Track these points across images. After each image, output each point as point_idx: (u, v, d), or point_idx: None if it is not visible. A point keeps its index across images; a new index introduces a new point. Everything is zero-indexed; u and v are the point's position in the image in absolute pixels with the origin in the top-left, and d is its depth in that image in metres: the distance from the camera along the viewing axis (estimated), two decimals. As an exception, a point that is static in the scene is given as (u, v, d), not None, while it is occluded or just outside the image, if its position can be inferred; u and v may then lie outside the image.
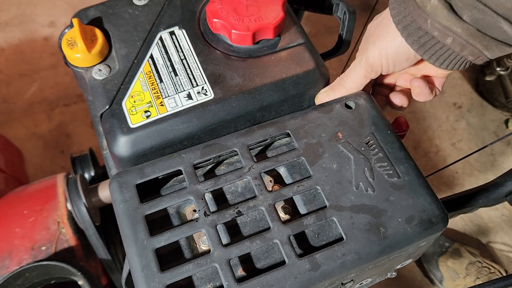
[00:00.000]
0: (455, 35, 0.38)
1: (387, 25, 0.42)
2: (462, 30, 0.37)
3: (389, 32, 0.42)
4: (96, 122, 0.54)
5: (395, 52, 0.42)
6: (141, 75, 0.47)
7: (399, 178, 0.41)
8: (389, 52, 0.43)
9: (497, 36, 0.38)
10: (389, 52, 0.43)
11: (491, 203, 0.54)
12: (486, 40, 0.38)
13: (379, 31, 0.43)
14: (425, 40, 0.40)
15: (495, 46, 0.38)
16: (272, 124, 0.44)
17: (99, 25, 0.50)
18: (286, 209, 0.42)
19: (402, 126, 0.51)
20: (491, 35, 0.38)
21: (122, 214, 0.39)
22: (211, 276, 0.39)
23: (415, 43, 0.40)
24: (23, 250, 0.65)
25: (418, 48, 0.41)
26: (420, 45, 0.40)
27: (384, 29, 0.43)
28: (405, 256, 0.42)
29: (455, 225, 1.17)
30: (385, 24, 0.43)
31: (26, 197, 0.72)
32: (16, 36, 1.38)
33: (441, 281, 1.07)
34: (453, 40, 0.38)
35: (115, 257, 0.74)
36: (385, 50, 0.43)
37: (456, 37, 0.38)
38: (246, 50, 0.48)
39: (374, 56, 0.44)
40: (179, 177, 0.45)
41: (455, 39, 0.38)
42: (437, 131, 1.30)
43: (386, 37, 0.42)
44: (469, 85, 1.38)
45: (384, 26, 0.43)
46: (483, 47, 0.38)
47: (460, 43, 0.38)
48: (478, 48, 0.38)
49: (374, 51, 0.44)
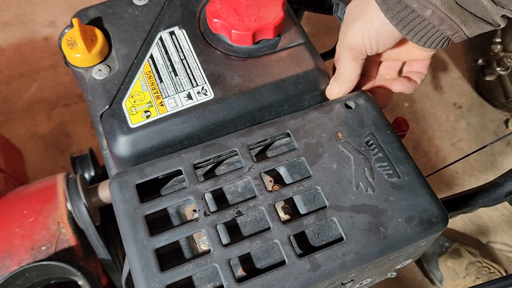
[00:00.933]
0: (434, 7, 0.38)
1: (367, 3, 0.41)
2: (441, 3, 0.37)
3: (369, 10, 0.41)
4: (96, 122, 0.54)
5: (377, 31, 0.42)
6: (141, 75, 0.47)
7: (399, 178, 0.41)
8: (371, 31, 0.42)
9: (475, 11, 0.38)
10: (371, 31, 0.42)
11: (491, 203, 0.54)
12: (465, 14, 0.38)
13: (359, 10, 0.42)
14: (404, 14, 0.39)
15: (473, 22, 0.38)
16: (272, 124, 0.44)
17: (99, 25, 0.50)
18: (286, 209, 0.42)
19: (402, 126, 0.51)
20: (470, 9, 0.38)
21: (122, 214, 0.39)
22: (211, 276, 0.39)
23: (395, 17, 0.40)
24: (23, 250, 0.65)
25: (397, 23, 0.40)
26: (399, 19, 0.40)
27: (364, 8, 0.42)
28: (405, 256, 0.42)
29: (455, 225, 1.17)
30: (365, 3, 0.41)
31: (26, 197, 0.72)
32: (16, 36, 1.38)
33: (441, 281, 1.07)
34: (432, 13, 0.38)
35: (115, 257, 0.74)
36: (366, 30, 0.42)
37: (435, 9, 0.38)
38: (246, 50, 0.48)
39: (355, 37, 0.43)
40: (179, 177, 0.45)
41: (434, 12, 0.38)
42: (437, 131, 1.30)
43: (366, 16, 0.41)
44: (469, 85, 1.38)
45: (364, 5, 0.42)
46: (461, 22, 0.38)
47: (438, 16, 0.38)
48: (457, 23, 0.38)
49: (355, 31, 0.42)
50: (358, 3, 0.43)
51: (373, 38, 0.42)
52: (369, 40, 0.42)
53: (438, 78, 1.39)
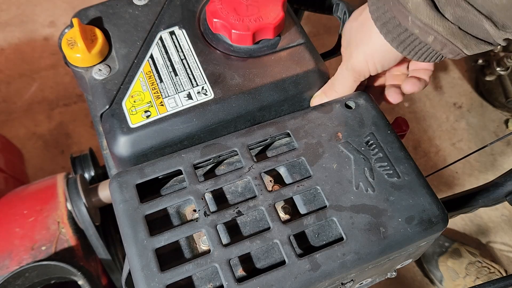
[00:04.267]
0: (436, 33, 0.37)
1: (370, 26, 0.41)
2: (443, 29, 0.37)
3: (372, 34, 0.41)
4: (96, 122, 0.54)
5: (382, 55, 0.42)
6: (141, 75, 0.47)
7: (399, 178, 0.41)
8: (375, 55, 0.42)
9: (477, 35, 0.37)
10: (375, 55, 0.42)
11: (491, 203, 0.54)
12: (467, 38, 0.38)
13: (361, 35, 0.42)
14: (404, 37, 0.39)
15: (474, 45, 0.38)
16: (272, 124, 0.44)
17: (99, 25, 0.50)
18: (286, 209, 0.42)
19: (402, 126, 0.51)
20: (472, 33, 0.37)
21: (122, 214, 0.39)
22: (211, 276, 0.39)
23: (395, 40, 0.40)
24: (23, 250, 0.65)
25: (398, 45, 0.40)
26: (399, 42, 0.40)
27: (366, 32, 0.42)
28: (405, 256, 0.42)
29: (455, 225, 1.17)
30: (367, 26, 0.41)
31: (26, 197, 0.72)
32: (16, 36, 1.38)
33: (441, 281, 1.07)
34: (434, 39, 0.38)
35: (115, 257, 0.74)
36: (370, 55, 0.42)
37: (437, 35, 0.38)
38: (246, 50, 0.48)
39: (359, 61, 0.43)
40: (179, 177, 0.45)
41: (436, 38, 0.38)
42: (437, 131, 1.30)
43: (370, 41, 0.41)
44: (469, 85, 1.38)
45: (366, 29, 0.42)
46: (463, 46, 0.38)
47: (440, 42, 0.38)
48: (459, 47, 0.38)
49: (359, 56, 0.43)
50: (360, 25, 0.43)
51: (377, 61, 0.43)
52: (373, 64, 0.43)
53: (438, 78, 1.39)
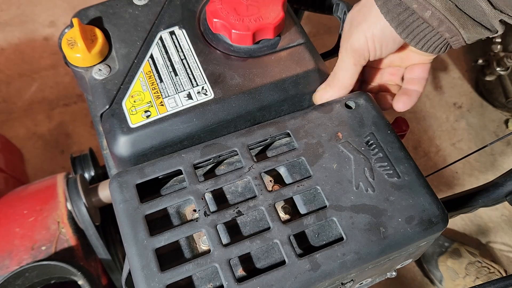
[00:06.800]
0: (434, 8, 0.38)
1: (370, 7, 0.42)
2: (441, 4, 0.38)
3: (372, 14, 0.42)
4: (96, 122, 0.54)
5: (381, 34, 0.42)
6: (141, 75, 0.47)
7: (399, 178, 0.41)
8: (375, 34, 0.42)
9: (474, 15, 0.38)
10: (375, 34, 0.42)
11: (491, 203, 0.54)
12: (464, 18, 0.39)
13: (362, 15, 0.43)
14: (404, 17, 0.40)
15: (471, 26, 0.39)
16: (272, 124, 0.44)
17: (99, 25, 0.50)
18: (286, 209, 0.42)
19: (402, 126, 0.51)
20: (468, 13, 0.38)
21: (122, 214, 0.39)
22: (211, 276, 0.39)
23: (394, 20, 0.40)
24: (23, 250, 0.65)
25: (397, 25, 0.41)
26: (399, 22, 0.40)
27: (367, 12, 0.42)
28: (405, 256, 0.42)
29: (455, 225, 1.17)
30: (368, 6, 0.42)
31: (26, 197, 0.72)
32: (16, 36, 1.38)
33: (440, 281, 1.07)
34: (431, 14, 0.39)
35: (115, 257, 0.74)
36: (370, 33, 0.42)
37: (434, 10, 0.39)
38: (246, 50, 0.48)
39: (359, 40, 0.43)
40: (179, 177, 0.45)
41: (433, 13, 0.39)
42: (437, 131, 1.30)
43: (370, 19, 0.42)
44: (469, 85, 1.38)
45: (366, 9, 0.42)
46: (460, 25, 0.39)
47: (438, 18, 0.39)
48: (455, 25, 0.39)
49: (359, 35, 0.43)
50: (360, 8, 0.43)
51: (377, 41, 0.43)
52: (373, 43, 0.43)
53: (438, 78, 1.39)
